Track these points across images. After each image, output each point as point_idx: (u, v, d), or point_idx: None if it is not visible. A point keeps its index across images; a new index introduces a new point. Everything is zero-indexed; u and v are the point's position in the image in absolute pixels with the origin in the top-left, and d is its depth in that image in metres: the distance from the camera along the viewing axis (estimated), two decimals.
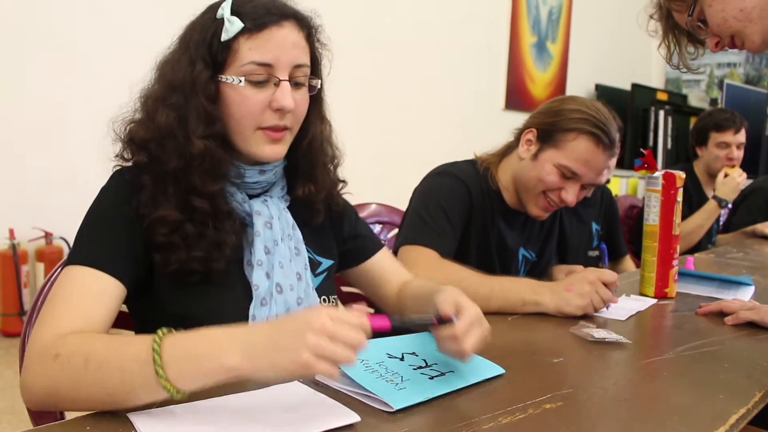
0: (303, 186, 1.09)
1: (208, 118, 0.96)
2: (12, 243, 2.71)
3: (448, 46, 4.13)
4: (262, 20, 0.96)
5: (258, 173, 1.03)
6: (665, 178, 1.50)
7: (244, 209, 1.02)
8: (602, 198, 2.40)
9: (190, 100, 0.96)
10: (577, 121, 1.48)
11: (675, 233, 1.52)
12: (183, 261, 0.94)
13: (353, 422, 0.77)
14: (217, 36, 0.96)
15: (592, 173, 1.49)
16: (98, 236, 0.94)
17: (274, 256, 1.01)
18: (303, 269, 1.05)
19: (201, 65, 0.96)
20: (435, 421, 0.80)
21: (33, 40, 2.65)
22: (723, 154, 2.78)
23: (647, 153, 1.57)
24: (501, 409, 0.83)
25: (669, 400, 0.91)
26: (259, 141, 0.99)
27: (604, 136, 1.47)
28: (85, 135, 2.74)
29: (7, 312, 2.79)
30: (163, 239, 0.94)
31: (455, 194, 1.51)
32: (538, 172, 1.51)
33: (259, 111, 0.97)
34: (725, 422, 0.84)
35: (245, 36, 0.96)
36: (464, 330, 0.89)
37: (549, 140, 1.50)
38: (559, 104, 1.54)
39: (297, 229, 1.08)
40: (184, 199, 0.96)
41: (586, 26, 5.21)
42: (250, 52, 0.96)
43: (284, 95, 0.97)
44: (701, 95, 5.87)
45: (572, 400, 0.88)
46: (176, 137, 0.95)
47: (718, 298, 1.53)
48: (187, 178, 0.95)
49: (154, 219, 0.94)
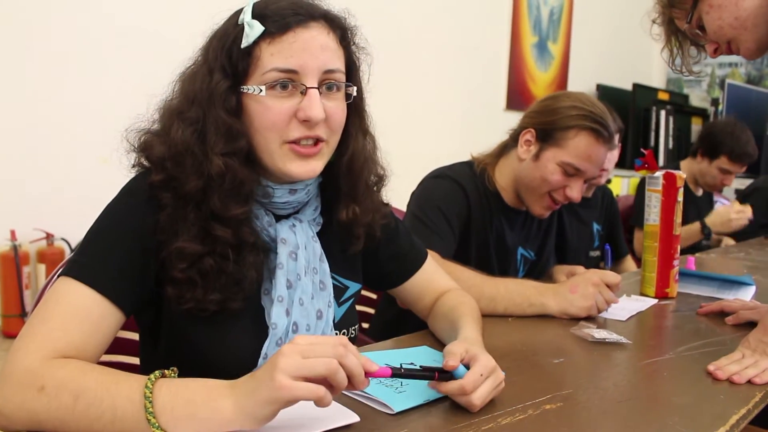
0: (346, 208, 0.99)
1: (229, 133, 0.87)
2: (13, 244, 2.71)
3: (449, 46, 4.13)
4: (285, 21, 0.87)
5: (288, 193, 0.93)
6: (666, 179, 1.50)
7: (268, 233, 0.93)
8: (603, 198, 2.40)
9: (209, 114, 0.87)
10: (576, 117, 1.48)
11: (676, 233, 1.51)
12: (199, 300, 0.86)
13: (353, 422, 0.77)
14: (237, 43, 0.87)
15: (595, 168, 1.50)
16: (106, 253, 0.85)
17: (295, 291, 0.92)
18: (326, 306, 0.96)
19: (219, 75, 0.87)
20: (435, 422, 0.80)
21: (34, 40, 2.65)
22: (722, 179, 2.75)
23: (648, 153, 1.57)
24: (501, 410, 0.83)
25: (669, 400, 0.91)
26: (287, 157, 0.89)
27: (603, 130, 1.48)
28: (86, 136, 2.75)
29: (8, 313, 2.79)
30: (180, 275, 0.85)
31: (452, 196, 1.51)
32: (542, 173, 1.50)
33: (284, 122, 0.87)
34: (726, 422, 0.84)
35: (267, 40, 0.86)
36: (473, 382, 0.82)
37: (549, 139, 1.50)
38: (554, 102, 1.54)
39: (325, 261, 0.98)
40: (205, 227, 0.87)
41: (587, 26, 5.20)
42: (272, 57, 0.86)
43: (312, 104, 0.86)
44: (703, 95, 5.86)
45: (572, 400, 0.88)
46: (194, 154, 0.86)
47: (719, 298, 1.53)
48: (207, 201, 0.87)
49: (172, 251, 0.85)
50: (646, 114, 5.16)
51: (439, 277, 1.20)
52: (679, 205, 1.51)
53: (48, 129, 2.73)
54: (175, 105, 0.91)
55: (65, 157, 2.76)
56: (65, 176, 2.75)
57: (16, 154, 2.67)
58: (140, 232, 0.86)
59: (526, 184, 1.54)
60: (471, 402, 0.82)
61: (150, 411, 0.70)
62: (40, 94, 2.70)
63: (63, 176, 2.75)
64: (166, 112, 0.91)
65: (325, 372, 0.69)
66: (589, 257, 2.33)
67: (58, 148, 2.75)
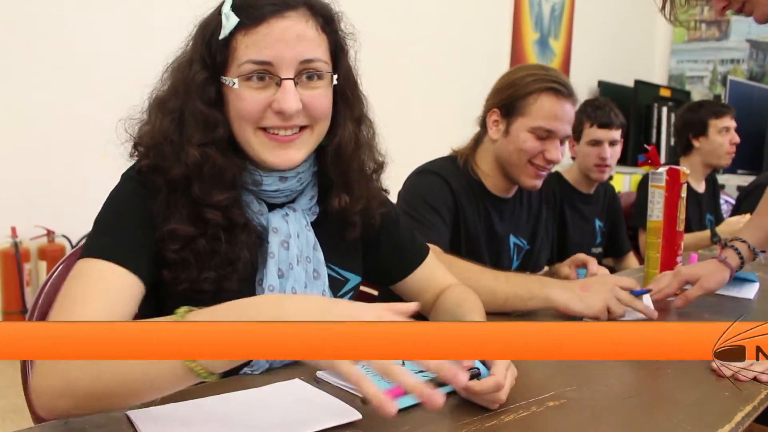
0: (337, 196, 0.98)
1: (207, 123, 0.89)
2: (14, 241, 2.71)
3: (450, 42, 4.12)
4: (260, 11, 0.87)
5: (278, 180, 0.93)
6: (669, 174, 1.49)
7: (260, 222, 0.93)
8: (605, 195, 2.40)
9: (187, 104, 0.89)
10: (532, 83, 1.51)
11: (679, 229, 1.51)
12: (193, 280, 0.87)
13: (355, 420, 0.77)
14: (217, 34, 0.88)
15: (564, 125, 1.53)
16: (116, 229, 0.87)
17: (287, 280, 0.93)
18: (320, 295, 0.96)
19: (198, 66, 0.89)
20: (437, 419, 0.80)
21: (35, 38, 2.65)
22: (726, 140, 2.71)
23: (651, 149, 1.56)
24: (504, 407, 0.83)
25: (674, 397, 0.90)
26: (263, 145, 0.90)
27: (562, 87, 1.51)
28: (87, 133, 2.74)
29: (9, 310, 2.79)
30: (173, 256, 0.87)
31: (437, 189, 1.51)
32: (516, 144, 1.53)
33: (259, 112, 0.89)
34: (731, 420, 0.83)
35: (242, 32, 0.87)
36: (503, 377, 0.81)
37: (513, 112, 1.54)
38: (509, 77, 1.59)
39: (319, 249, 0.98)
40: (195, 210, 0.88)
41: (589, 23, 5.19)
42: (247, 49, 0.87)
43: (285, 96, 0.87)
44: (704, 92, 5.85)
45: (576, 397, 0.87)
46: (173, 143, 0.89)
47: (723, 294, 1.52)
48: (194, 186, 0.89)
49: (165, 232, 0.87)
50: (647, 111, 5.15)
51: (441, 272, 1.19)
52: (683, 201, 1.50)
53: (48, 126, 2.72)
54: (161, 94, 0.93)
55: (66, 154, 2.75)
56: (66, 173, 2.75)
57: (16, 152, 2.66)
58: (143, 213, 0.88)
59: (505, 160, 1.56)
60: (498, 398, 0.81)
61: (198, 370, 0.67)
62: (40, 91, 2.69)
63: (64, 173, 2.75)
64: (153, 102, 0.94)
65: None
66: (591, 254, 2.33)
67: (59, 145, 2.75)
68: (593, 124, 2.21)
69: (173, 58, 0.95)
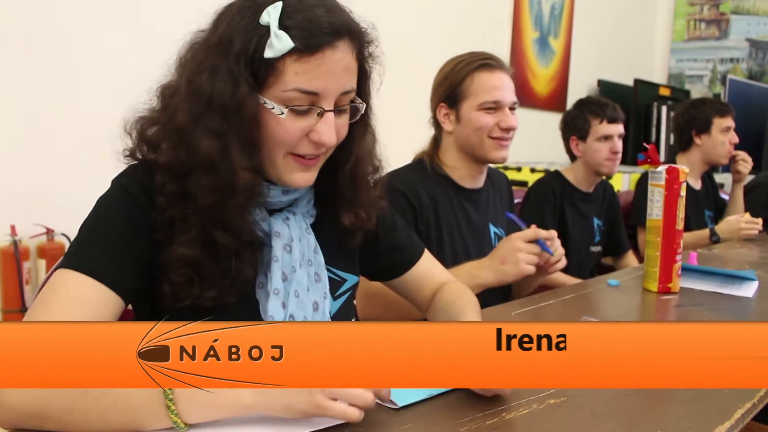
0: (348, 213, 0.99)
1: (254, 147, 0.85)
2: (13, 239, 2.70)
3: (450, 41, 4.11)
4: (317, 41, 0.82)
5: (282, 193, 0.93)
6: (669, 173, 1.50)
7: (261, 228, 0.92)
8: (604, 193, 2.40)
9: (232, 126, 0.83)
10: (463, 68, 1.60)
11: (678, 228, 1.51)
12: (195, 298, 0.86)
13: None
14: (261, 49, 0.82)
15: (507, 93, 1.59)
16: (100, 242, 0.84)
17: (291, 283, 0.92)
18: (321, 298, 0.96)
19: (246, 86, 0.82)
20: (438, 417, 0.80)
21: (34, 36, 2.64)
22: (727, 139, 2.72)
23: (650, 147, 1.57)
24: (505, 405, 0.83)
25: (673, 394, 0.90)
26: (289, 167, 0.89)
27: (491, 61, 1.60)
28: (86, 131, 2.74)
29: (8, 309, 2.79)
30: (178, 279, 0.85)
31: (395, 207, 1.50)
32: (471, 125, 1.58)
33: (296, 141, 0.87)
34: (730, 417, 0.83)
35: (293, 57, 0.82)
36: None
37: (457, 99, 1.60)
38: (440, 73, 1.68)
39: (319, 252, 0.97)
40: (206, 233, 0.85)
41: (589, 22, 5.19)
42: (296, 77, 0.82)
43: (326, 129, 0.85)
44: (704, 91, 5.85)
45: (577, 395, 0.88)
46: (216, 170, 0.83)
47: (722, 293, 1.53)
48: (218, 214, 0.85)
49: (171, 255, 0.84)
50: (647, 110, 5.15)
51: (437, 269, 1.20)
52: (682, 199, 1.51)
53: (48, 124, 2.72)
54: (190, 105, 0.84)
55: (65, 153, 2.75)
56: (65, 172, 2.75)
57: (15, 150, 2.66)
58: (134, 226, 0.85)
59: (466, 143, 1.61)
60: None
61: (170, 398, 0.70)
62: (40, 90, 2.69)
63: (63, 171, 2.74)
64: (179, 109, 0.85)
65: (361, 404, 0.72)
66: (589, 252, 2.33)
67: (58, 144, 2.74)
68: (602, 120, 2.23)
69: (189, 53, 0.88)
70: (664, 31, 6.03)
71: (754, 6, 5.64)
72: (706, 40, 5.85)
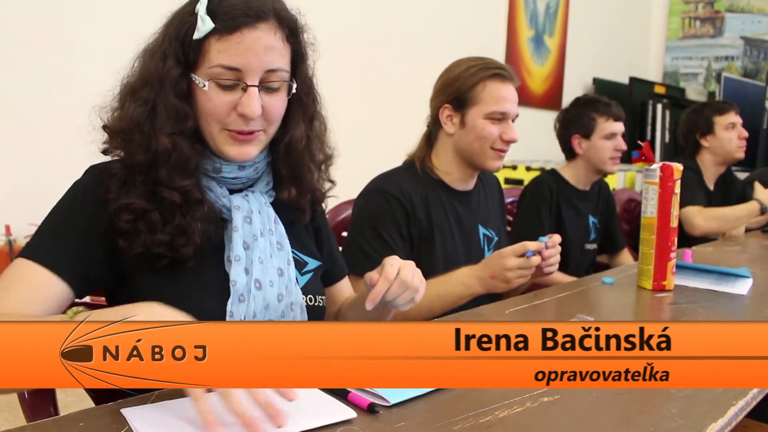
0: (287, 189, 1.07)
1: (178, 115, 0.95)
2: (8, 239, 2.70)
3: (445, 40, 4.12)
4: (235, 22, 0.92)
5: (237, 169, 1.01)
6: (663, 170, 1.50)
7: (222, 203, 1.00)
8: (600, 192, 2.41)
9: (160, 96, 0.94)
10: (476, 73, 1.58)
11: (673, 225, 1.51)
12: (147, 245, 0.92)
13: (349, 418, 0.77)
14: (191, 33, 0.93)
15: (514, 105, 1.60)
16: (52, 233, 0.93)
17: (253, 251, 0.99)
18: (285, 264, 1.03)
19: (172, 61, 0.94)
20: (431, 415, 0.80)
21: (26, 35, 2.64)
22: (735, 135, 2.73)
23: (645, 145, 1.57)
24: (498, 403, 0.83)
25: (667, 392, 0.90)
26: (225, 141, 0.97)
27: (503, 71, 1.59)
28: (79, 131, 2.73)
29: None
30: (126, 226, 0.92)
31: (387, 213, 1.52)
32: (476, 133, 1.58)
33: (224, 113, 0.95)
34: (724, 414, 0.83)
35: (216, 37, 0.92)
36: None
37: (465, 103, 1.59)
38: (450, 73, 1.64)
39: (280, 223, 1.05)
40: (153, 190, 0.94)
41: (584, 20, 5.19)
42: (219, 54, 0.92)
43: (250, 102, 0.93)
44: (699, 88, 5.86)
45: (570, 392, 0.88)
46: (143, 132, 0.94)
47: (716, 290, 1.53)
48: (155, 171, 0.94)
49: (119, 206, 0.92)
50: (642, 108, 5.16)
51: (350, 292, 1.26)
52: (677, 197, 1.51)
53: (42, 123, 2.72)
54: (132, 82, 0.97)
55: (60, 152, 2.74)
56: (61, 171, 2.74)
57: (8, 149, 2.66)
58: (85, 211, 0.94)
59: (467, 150, 1.60)
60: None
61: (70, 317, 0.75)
62: (33, 89, 2.68)
63: (58, 171, 2.74)
64: (125, 88, 0.98)
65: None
66: (584, 250, 2.33)
67: (53, 143, 2.74)
68: (608, 118, 2.23)
69: (144, 46, 1.00)
70: (659, 29, 6.04)
71: (748, 4, 5.66)
72: (701, 38, 5.87)
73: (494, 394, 0.85)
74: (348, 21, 3.43)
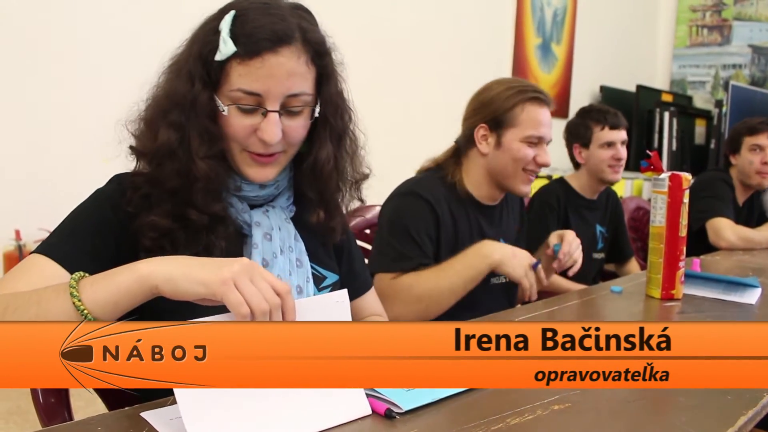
0: (315, 213, 1.06)
1: (211, 137, 0.94)
2: (18, 244, 2.72)
3: (452, 47, 4.13)
4: (257, 47, 0.90)
5: (258, 188, 1.00)
6: (672, 180, 1.50)
7: (243, 219, 0.99)
8: (608, 200, 2.41)
9: (192, 120, 0.93)
10: (514, 96, 1.59)
11: (681, 235, 1.51)
12: None
13: (364, 415, 0.78)
14: (213, 53, 0.92)
15: (550, 129, 1.62)
16: (67, 234, 0.93)
17: (272, 269, 0.98)
18: (304, 282, 1.01)
19: (200, 84, 0.93)
20: (443, 421, 0.80)
21: (35, 41, 2.66)
22: (757, 159, 2.65)
23: (653, 154, 1.57)
24: (509, 410, 0.84)
25: (677, 401, 0.91)
26: (245, 162, 0.97)
27: (541, 95, 1.60)
28: (89, 136, 2.75)
29: None
30: (149, 243, 0.91)
31: (420, 216, 1.55)
32: (511, 154, 1.59)
33: (245, 136, 0.94)
34: (734, 424, 0.84)
35: (237, 60, 0.91)
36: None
37: (502, 125, 1.59)
38: (487, 93, 1.65)
39: (300, 240, 1.04)
40: (181, 210, 0.93)
41: (591, 28, 5.20)
42: (240, 78, 0.91)
43: (269, 128, 0.92)
44: (706, 97, 5.85)
45: (581, 401, 0.88)
46: (175, 157, 0.93)
47: (725, 299, 1.53)
48: (187, 195, 0.93)
49: (144, 223, 0.91)
50: (649, 116, 5.15)
51: (378, 308, 1.24)
52: (685, 206, 1.51)
53: (51, 129, 2.74)
54: (160, 102, 0.95)
55: (69, 157, 2.76)
56: (70, 176, 2.76)
57: (19, 154, 2.68)
58: (103, 215, 0.93)
59: (500, 171, 1.61)
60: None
61: (73, 285, 0.75)
62: (44, 94, 2.70)
63: (67, 176, 2.76)
64: (152, 105, 0.96)
65: (254, 308, 0.72)
66: (592, 259, 2.34)
67: (62, 148, 2.76)
68: (604, 126, 2.24)
69: (169, 61, 0.98)
70: (666, 37, 6.04)
71: (756, 12, 5.65)
72: (708, 46, 5.87)
73: (505, 402, 0.86)
74: (356, 30, 3.45)
